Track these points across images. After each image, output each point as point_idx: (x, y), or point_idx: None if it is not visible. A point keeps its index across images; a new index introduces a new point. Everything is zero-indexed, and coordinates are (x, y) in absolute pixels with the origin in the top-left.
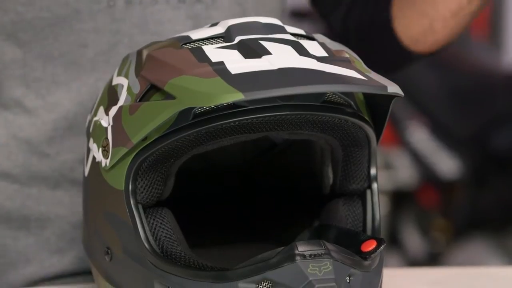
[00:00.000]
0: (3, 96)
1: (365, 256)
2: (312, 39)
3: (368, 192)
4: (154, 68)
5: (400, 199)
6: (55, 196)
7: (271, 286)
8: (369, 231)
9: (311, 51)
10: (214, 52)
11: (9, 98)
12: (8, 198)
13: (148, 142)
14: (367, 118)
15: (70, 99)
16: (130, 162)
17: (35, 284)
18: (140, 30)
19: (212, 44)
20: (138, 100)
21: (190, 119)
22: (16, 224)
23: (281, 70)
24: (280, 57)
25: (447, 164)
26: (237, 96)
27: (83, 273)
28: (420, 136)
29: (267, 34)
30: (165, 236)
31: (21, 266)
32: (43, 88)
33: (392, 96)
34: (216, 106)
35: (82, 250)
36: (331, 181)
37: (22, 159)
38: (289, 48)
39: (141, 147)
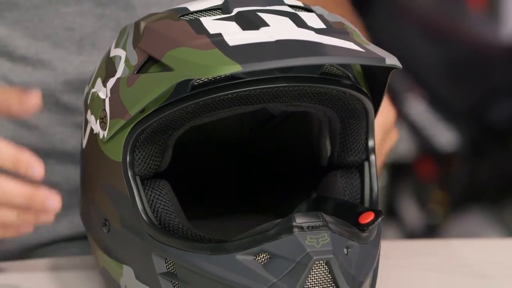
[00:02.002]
0: None
1: (363, 228)
2: (310, 11)
3: (366, 164)
4: (152, 40)
5: (398, 171)
6: (47, 165)
7: (269, 258)
8: (367, 203)
9: (309, 23)
10: (212, 24)
11: None
12: None
13: (145, 114)
14: (365, 90)
15: (56, 78)
16: (128, 134)
17: (32, 249)
18: (127, 14)
19: (210, 15)
20: (136, 72)
21: (188, 91)
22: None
23: (279, 42)
24: (278, 29)
25: (445, 136)
26: (235, 68)
27: (78, 238)
28: (418, 108)
29: (265, 6)
30: (163, 208)
31: None
32: (29, 65)
33: (390, 68)
34: (214, 78)
35: (76, 215)
36: (329, 153)
37: (12, 131)
38: (287, 20)
39: (138, 119)
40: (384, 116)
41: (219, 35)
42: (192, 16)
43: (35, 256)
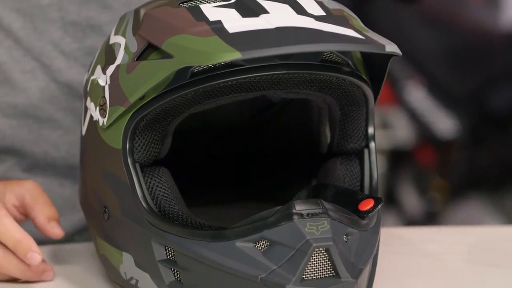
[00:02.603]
0: (42, 39)
1: (362, 215)
2: None
3: (366, 151)
4: (152, 27)
5: (397, 158)
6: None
7: (269, 245)
8: (366, 190)
9: (309, 10)
10: (211, 11)
11: (47, 41)
12: (53, 146)
13: (145, 101)
14: (364, 77)
15: None
16: (128, 121)
17: (83, 231)
18: None
19: (209, 2)
20: (135, 59)
21: (188, 78)
22: (62, 172)
23: (278, 29)
24: (277, 16)
25: (444, 123)
26: (234, 55)
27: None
28: (417, 95)
29: None
30: (163, 195)
31: (68, 212)
32: (79, 31)
33: (390, 55)
34: (213, 65)
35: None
36: (328, 140)
37: (64, 103)
38: (286, 7)
39: (138, 106)
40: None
41: (219, 22)
42: (191, 3)
43: None
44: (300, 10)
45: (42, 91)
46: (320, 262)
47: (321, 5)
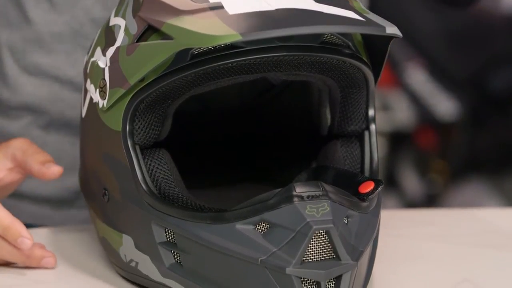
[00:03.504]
0: (74, 4)
1: (363, 197)
2: None
3: (366, 133)
4: (152, 9)
5: (398, 140)
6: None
7: (269, 227)
8: (367, 173)
9: None
10: None
11: (79, 8)
12: (69, 106)
13: (145, 83)
14: (365, 59)
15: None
16: (127, 103)
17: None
18: None
19: None
20: (135, 41)
21: (188, 60)
22: (75, 131)
23: (278, 11)
24: None
25: (445, 105)
26: (234, 37)
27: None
28: (418, 78)
29: None
30: (163, 177)
31: (77, 170)
32: (110, 0)
33: (390, 37)
34: (213, 47)
35: None
36: (328, 122)
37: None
38: None
39: (138, 88)
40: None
41: (219, 3)
42: None
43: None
44: None
45: (68, 54)
46: (321, 245)
47: None
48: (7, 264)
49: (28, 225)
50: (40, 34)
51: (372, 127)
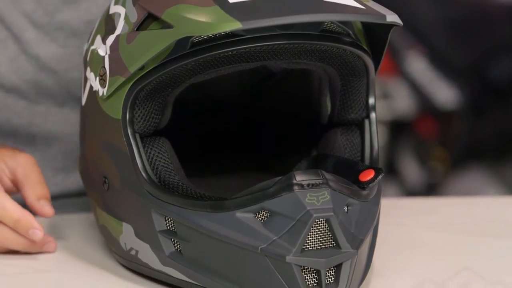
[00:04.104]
0: (14, 10)
1: (363, 185)
2: None
3: (366, 121)
4: None
5: (398, 129)
6: (62, 114)
7: (269, 215)
8: (367, 161)
9: None
10: None
11: (19, 12)
12: (16, 114)
13: (145, 71)
14: (365, 48)
15: (79, 18)
16: (127, 91)
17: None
18: None
19: None
20: (135, 29)
21: (188, 48)
22: (22, 140)
23: None
24: None
25: (445, 93)
26: (234, 25)
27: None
28: (418, 66)
29: None
30: (163, 166)
31: None
32: (51, 4)
33: (390, 25)
34: (213, 35)
35: None
36: (329, 110)
37: (30, 75)
38: None
39: (138, 76)
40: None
41: None
42: None
43: None
44: None
45: (11, 61)
46: (321, 233)
47: None
48: (7, 252)
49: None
50: None
51: (372, 115)
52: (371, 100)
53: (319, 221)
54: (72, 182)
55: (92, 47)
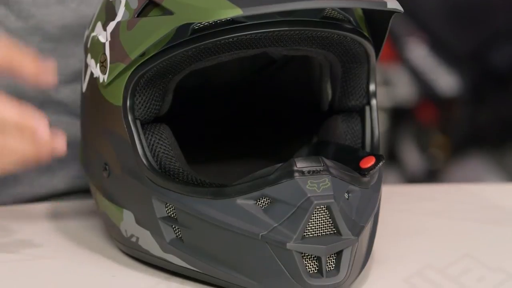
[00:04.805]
0: None
1: (364, 172)
2: None
3: (367, 108)
4: None
5: (398, 115)
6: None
7: (270, 202)
8: (368, 148)
9: None
10: None
11: None
12: None
13: (146, 58)
14: (366, 34)
15: (51, 22)
16: (128, 78)
17: (26, 203)
18: None
19: None
20: (136, 16)
21: (189, 34)
22: None
23: None
24: None
25: (446, 80)
26: (235, 12)
27: (76, 192)
28: (419, 53)
29: None
30: (163, 152)
31: (10, 185)
32: (24, 10)
33: (391, 12)
34: (214, 21)
35: (73, 169)
36: (329, 97)
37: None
38: None
39: (139, 63)
40: None
41: None
42: None
43: None
44: None
45: None
46: (321, 220)
47: None
48: (6, 240)
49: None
50: None
51: (373, 102)
52: (372, 87)
53: (320, 208)
54: (57, 183)
55: (93, 34)
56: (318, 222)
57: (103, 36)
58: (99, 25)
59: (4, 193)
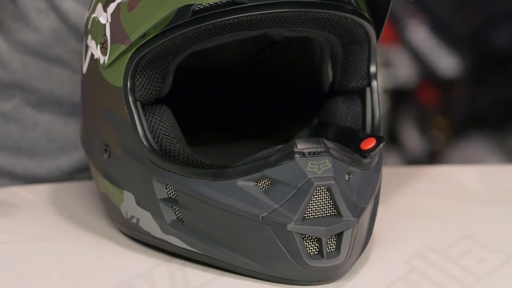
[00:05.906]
0: None
1: (364, 154)
2: None
3: (368, 90)
4: None
5: (399, 97)
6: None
7: (270, 184)
8: (368, 129)
9: None
10: None
11: None
12: (59, 84)
13: (146, 39)
14: (367, 16)
15: None
16: (129, 59)
17: (84, 169)
18: None
19: None
20: None
21: (189, 16)
22: (66, 110)
23: None
24: None
25: (446, 62)
26: None
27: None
28: (420, 34)
29: None
30: (164, 133)
31: (70, 151)
32: None
33: None
34: (215, 3)
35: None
36: (330, 79)
37: (73, 44)
38: None
39: (139, 44)
40: None
41: None
42: None
43: None
44: None
45: (54, 31)
46: (322, 201)
47: None
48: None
49: None
50: (25, 11)
51: (374, 83)
52: (373, 69)
53: (320, 189)
54: None
55: (93, 15)
56: (318, 203)
57: (103, 17)
58: (99, 6)
59: (64, 158)
